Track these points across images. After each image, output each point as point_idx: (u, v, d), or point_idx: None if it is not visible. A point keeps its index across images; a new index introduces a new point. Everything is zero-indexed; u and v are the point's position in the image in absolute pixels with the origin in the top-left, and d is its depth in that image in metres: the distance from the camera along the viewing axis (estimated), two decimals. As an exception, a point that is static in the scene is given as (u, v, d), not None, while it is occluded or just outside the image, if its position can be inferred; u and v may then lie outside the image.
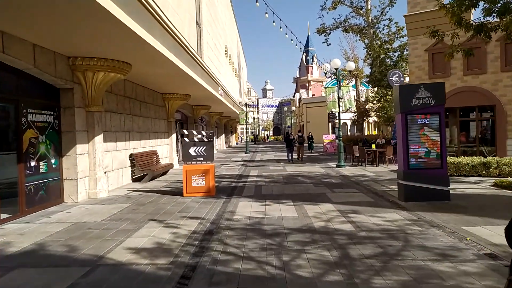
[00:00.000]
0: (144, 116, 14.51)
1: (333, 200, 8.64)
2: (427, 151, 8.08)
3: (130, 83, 13.05)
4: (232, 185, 11.81)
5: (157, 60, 10.04)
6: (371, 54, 29.06)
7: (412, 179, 8.06)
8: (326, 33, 34.01)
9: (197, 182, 9.72)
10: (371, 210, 7.36)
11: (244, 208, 8.04)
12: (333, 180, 12.12)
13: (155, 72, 11.69)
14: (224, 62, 26.38)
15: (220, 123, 39.41)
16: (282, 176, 13.66)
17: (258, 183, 12.10)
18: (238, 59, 41.52)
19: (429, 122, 8.06)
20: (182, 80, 13.78)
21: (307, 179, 12.56)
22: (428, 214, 6.88)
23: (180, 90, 16.74)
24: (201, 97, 19.98)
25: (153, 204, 8.70)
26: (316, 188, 10.59)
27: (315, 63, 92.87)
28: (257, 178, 13.45)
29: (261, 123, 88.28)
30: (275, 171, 15.50)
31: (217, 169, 16.89)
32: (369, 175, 13.32)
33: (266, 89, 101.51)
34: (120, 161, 11.97)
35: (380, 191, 9.66)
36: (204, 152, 9.81)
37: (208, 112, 29.19)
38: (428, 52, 16.06)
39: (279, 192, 10.09)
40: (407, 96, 8.06)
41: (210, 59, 18.76)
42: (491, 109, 15.29)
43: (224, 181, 12.70)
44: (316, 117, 47.08)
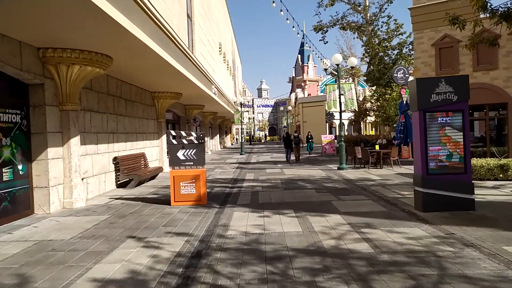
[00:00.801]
0: (131, 116, 13.39)
1: (340, 209, 7.59)
2: (448, 154, 7.05)
3: (114, 79, 11.93)
4: (226, 191, 10.73)
5: (140, 53, 8.94)
6: (369, 52, 28.14)
7: (431, 186, 7.03)
8: (323, 31, 33.08)
9: (186, 190, 8.63)
10: (387, 224, 6.31)
11: (239, 220, 6.97)
12: (336, 185, 11.08)
13: (141, 66, 10.59)
14: (218, 59, 25.30)
15: (214, 123, 38.31)
16: (281, 180, 12.60)
17: (255, 188, 11.03)
18: (233, 57, 40.45)
19: (451, 120, 7.03)
20: (172, 77, 12.69)
21: (308, 184, 11.51)
22: (455, 229, 5.85)
23: (170, 88, 15.63)
24: (193, 96, 18.90)
25: (135, 216, 7.60)
26: (319, 195, 9.54)
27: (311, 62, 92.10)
28: (254, 182, 12.38)
29: (256, 123, 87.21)
30: (273, 175, 14.44)
31: (210, 172, 15.80)
32: (374, 178, 12.30)
33: (262, 88, 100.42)
34: (102, 165, 10.85)
35: (391, 198, 8.62)
36: (194, 155, 8.73)
37: (201, 112, 28.09)
38: (434, 47, 15.09)
39: (278, 199, 9.02)
40: (425, 91, 7.04)
41: (203, 56, 17.68)
42: (503, 107, 14.34)
43: (217, 187, 11.61)
44: (313, 117, 46.14)
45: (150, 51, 8.78)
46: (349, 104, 14.76)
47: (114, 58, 9.19)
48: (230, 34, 38.70)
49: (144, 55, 9.22)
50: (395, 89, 29.25)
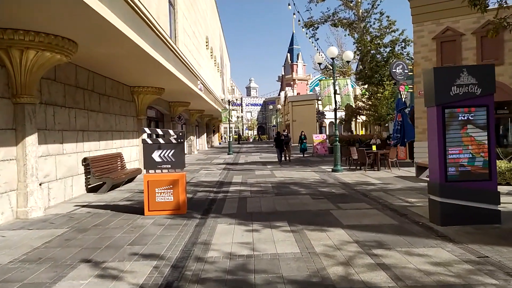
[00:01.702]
0: (106, 112, 12.08)
1: (342, 221, 6.47)
2: (471, 157, 5.98)
3: (84, 70, 10.61)
4: (210, 196, 9.53)
5: (110, 38, 7.70)
6: (361, 49, 27.28)
7: (451, 195, 5.95)
8: (314, 27, 32.11)
9: (162, 197, 7.41)
10: (402, 242, 5.20)
11: (224, 236, 5.79)
12: (333, 190, 9.97)
13: (115, 56, 9.33)
14: (205, 54, 24.03)
15: (201, 121, 36.99)
16: (271, 184, 11.44)
17: (242, 193, 9.85)
18: (221, 54, 39.17)
19: (474, 118, 5.97)
20: (152, 69, 11.44)
21: (302, 189, 10.38)
22: (487, 250, 4.77)
23: (151, 82, 14.36)
24: (177, 92, 17.63)
25: (98, 230, 6.35)
26: (315, 202, 8.41)
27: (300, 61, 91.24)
28: (241, 186, 11.21)
29: (245, 122, 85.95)
30: (262, 177, 13.28)
31: (194, 174, 14.57)
32: (374, 182, 11.23)
33: (250, 87, 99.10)
34: (68, 168, 9.54)
35: (398, 207, 7.54)
36: (172, 157, 7.51)
37: (187, 109, 26.78)
38: (436, 40, 14.11)
39: (269, 208, 7.87)
40: (445, 83, 5.95)
41: (187, 48, 16.43)
42: (508, 105, 13.44)
43: (201, 191, 10.40)
44: (303, 116, 45.14)
45: (121, 36, 7.54)
46: (345, 100, 13.68)
47: (80, 44, 7.91)
48: (218, 29, 37.42)
49: (115, 41, 7.97)
50: (387, 88, 28.50)
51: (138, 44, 8.31)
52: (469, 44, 13.50)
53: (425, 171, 11.92)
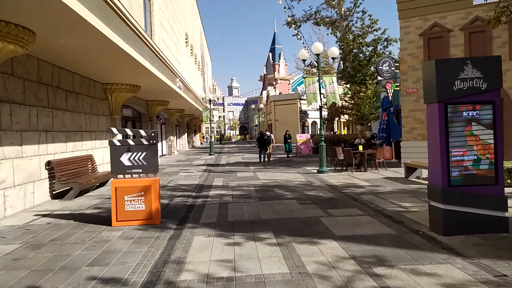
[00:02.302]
0: (74, 110, 11.11)
1: (334, 231, 5.80)
2: (476, 159, 5.40)
3: (49, 65, 9.65)
4: (189, 202, 8.74)
5: (73, 27, 6.82)
6: (344, 48, 26.97)
7: (455, 202, 5.36)
8: (296, 26, 31.67)
9: (132, 205, 6.58)
10: (405, 257, 4.56)
11: (201, 252, 5.03)
12: (321, 194, 9.32)
13: (79, 47, 8.41)
14: (185, 52, 23.12)
15: (181, 121, 35.94)
16: (254, 187, 10.72)
17: (223, 198, 9.10)
18: (201, 52, 38.22)
19: (479, 115, 5.39)
20: (124, 64, 10.56)
21: (287, 192, 9.70)
22: (502, 266, 4.17)
23: (126, 79, 13.42)
24: (155, 89, 16.69)
25: (55, 246, 5.49)
26: (302, 208, 7.73)
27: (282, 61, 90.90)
28: (222, 190, 10.44)
29: (227, 122, 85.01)
30: (245, 179, 12.55)
31: (173, 177, 13.72)
32: (362, 184, 10.65)
33: (232, 86, 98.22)
34: (29, 172, 8.58)
35: (393, 213, 6.93)
36: (143, 160, 6.69)
37: (166, 108, 25.80)
38: (423, 36, 13.66)
39: (252, 215, 7.14)
40: (447, 77, 5.36)
41: (165, 43, 15.54)
42: (497, 104, 13.10)
43: (178, 196, 9.59)
44: (286, 115, 44.64)
45: (87, 26, 6.69)
46: (331, 98, 13.07)
47: (38, 34, 7.00)
48: (198, 27, 36.48)
49: (79, 32, 7.10)
50: (369, 87, 28.29)
51: (106, 35, 7.46)
52: (457, 40, 13.11)
53: (415, 172, 11.43)
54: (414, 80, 13.86)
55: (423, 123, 13.73)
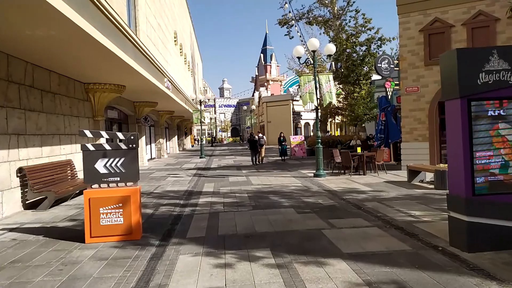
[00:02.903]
0: (51, 112, 10.23)
1: (340, 247, 5.05)
2: (503, 164, 4.69)
3: (20, 61, 8.77)
4: (175, 212, 7.92)
5: (41, 15, 5.99)
6: (337, 47, 26.38)
7: (480, 213, 4.64)
8: (289, 25, 31.08)
9: (109, 219, 5.76)
10: (429, 282, 3.81)
11: (186, 276, 4.24)
12: (320, 201, 8.57)
13: (48, 38, 7.55)
14: (173, 51, 22.28)
15: (172, 123, 35.04)
16: (247, 193, 9.95)
17: (214, 207, 8.30)
18: (192, 52, 37.36)
19: (506, 113, 4.69)
20: (105, 61, 9.74)
21: (283, 199, 8.93)
22: (551, 294, 3.45)
23: (109, 78, 12.56)
24: (142, 90, 15.84)
25: (15, 270, 4.65)
26: (301, 217, 6.97)
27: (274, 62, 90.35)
28: (213, 197, 9.65)
29: (218, 124, 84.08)
30: (237, 185, 11.76)
31: (160, 182, 12.87)
32: (363, 189, 9.93)
33: (224, 88, 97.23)
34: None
35: (403, 224, 6.20)
36: (121, 167, 5.88)
37: (155, 110, 24.90)
38: (423, 32, 13.03)
39: (246, 227, 6.36)
40: (471, 69, 4.64)
41: (151, 41, 14.70)
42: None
43: (164, 204, 8.77)
44: (278, 116, 43.98)
45: (51, 11, 5.85)
46: (328, 97, 12.37)
47: (2, 24, 6.15)
48: (188, 27, 35.63)
49: (45, 18, 6.26)
50: (363, 87, 27.79)
51: (79, 25, 6.62)
52: (459, 36, 12.50)
53: (418, 176, 10.75)
54: (414, 78, 13.22)
55: (423, 123, 13.10)
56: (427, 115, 12.99)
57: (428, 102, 12.98)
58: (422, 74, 13.07)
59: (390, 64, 13.24)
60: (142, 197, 9.87)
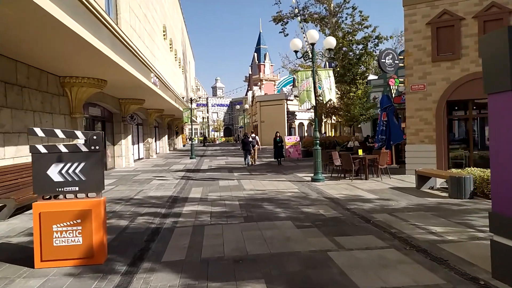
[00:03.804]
0: (17, 107, 9.05)
1: (355, 280, 3.97)
2: None
3: (-24, 48, 7.60)
4: (154, 224, 6.79)
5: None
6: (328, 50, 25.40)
7: (539, 239, 3.59)
8: (283, 22, 30.08)
9: (65, 238, 4.63)
10: None
11: (151, 327, 3.13)
12: (321, 211, 7.50)
13: (9, 24, 6.40)
14: (162, 45, 21.09)
15: (162, 122, 33.79)
16: (239, 201, 8.85)
17: (199, 218, 7.19)
18: (183, 49, 36.15)
19: None
20: (81, 52, 8.61)
21: (279, 209, 7.85)
22: None
23: (87, 71, 11.41)
24: (125, 85, 14.66)
25: None
26: (302, 233, 5.89)
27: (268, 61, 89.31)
28: (200, 205, 8.53)
29: (211, 123, 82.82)
30: (228, 190, 10.66)
31: (144, 186, 11.72)
32: (369, 197, 8.88)
33: (216, 87, 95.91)
34: None
35: (425, 244, 5.15)
36: (81, 174, 4.74)
37: (143, 108, 23.72)
38: (431, 26, 12.03)
39: (236, 248, 5.26)
40: (526, 52, 3.60)
41: (136, 32, 13.54)
42: None
43: (143, 215, 7.64)
44: (272, 116, 42.91)
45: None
46: (328, 94, 11.31)
47: None
48: (179, 22, 34.42)
49: None
50: (360, 87, 26.91)
51: (43, 7, 5.49)
52: (470, 30, 11.52)
53: (428, 182, 9.73)
54: (420, 75, 12.22)
55: (430, 124, 12.11)
56: (434, 115, 11.99)
57: (435, 101, 11.99)
58: (429, 71, 12.07)
59: (395, 59, 12.23)
60: (119, 205, 8.73)
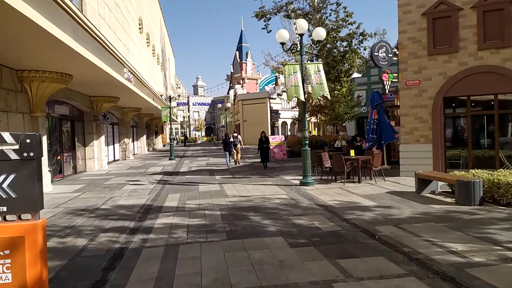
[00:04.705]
0: (-41, 104, 7.72)
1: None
2: None
3: None
4: (117, 245, 5.64)
5: None
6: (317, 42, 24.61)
7: None
8: (266, 18, 29.12)
9: (-14, 277, 3.45)
10: None
11: None
12: (316, 223, 6.49)
13: None
14: (138, 39, 19.75)
15: (140, 122, 32.31)
16: (221, 210, 7.76)
17: (174, 234, 6.07)
18: (162, 45, 34.71)
19: None
20: (32, 39, 7.37)
21: (268, 220, 6.80)
22: None
23: (49, 64, 10.15)
24: (94, 80, 13.37)
25: None
26: (297, 255, 4.85)
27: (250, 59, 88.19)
28: (175, 216, 7.40)
29: (192, 123, 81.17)
30: (208, 196, 9.55)
31: (114, 193, 10.49)
32: (366, 204, 7.92)
33: (198, 85, 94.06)
34: None
35: (449, 268, 4.19)
36: (9, 189, 3.57)
37: (118, 106, 22.34)
38: (426, 16, 11.20)
39: (216, 279, 4.17)
40: None
41: (106, 21, 12.25)
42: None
43: (107, 231, 6.46)
44: (254, 115, 41.87)
45: None
46: (318, 90, 10.37)
47: None
48: (158, 17, 32.99)
49: None
50: (344, 85, 26.34)
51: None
52: (468, 20, 10.74)
53: (429, 186, 8.86)
54: (415, 69, 11.38)
55: (426, 122, 11.30)
56: (430, 112, 11.18)
57: (431, 98, 11.18)
58: (425, 65, 11.26)
59: (388, 53, 11.36)
60: (82, 217, 7.53)
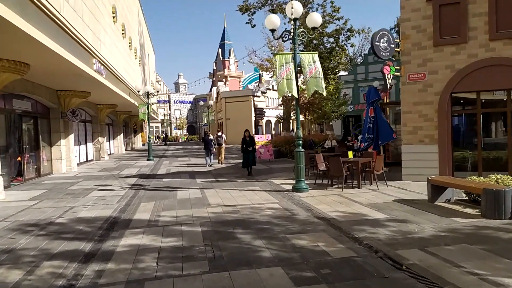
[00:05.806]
0: None
1: None
2: None
3: None
4: (62, 281, 4.20)
5: None
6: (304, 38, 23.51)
7: None
8: (250, 12, 27.81)
9: None
10: None
11: None
12: (321, 245, 5.19)
13: None
14: (111, 29, 18.08)
15: (116, 119, 30.47)
16: (201, 226, 6.39)
17: (140, 264, 4.67)
18: (140, 39, 32.87)
19: None
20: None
21: (260, 240, 5.46)
22: None
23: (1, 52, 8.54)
24: (59, 72, 11.79)
25: None
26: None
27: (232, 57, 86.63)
28: (144, 235, 5.98)
29: (173, 121, 79.05)
30: (187, 206, 8.15)
31: (77, 201, 8.97)
32: (376, 217, 6.68)
33: (179, 83, 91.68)
34: None
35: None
36: None
37: (90, 102, 20.61)
38: (432, 3, 10.07)
39: None
40: None
41: (70, 4, 10.63)
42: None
43: (53, 257, 5.00)
44: (238, 113, 40.50)
45: None
46: (312, 85, 9.08)
47: None
48: (136, 9, 31.16)
49: None
50: (331, 82, 25.43)
51: None
52: (479, 8, 9.67)
53: (444, 193, 7.69)
54: (419, 62, 10.24)
55: (431, 120, 10.19)
56: (437, 110, 10.07)
57: (437, 94, 10.07)
58: (430, 57, 10.13)
59: (391, 43, 10.19)
60: (28, 235, 6.06)
